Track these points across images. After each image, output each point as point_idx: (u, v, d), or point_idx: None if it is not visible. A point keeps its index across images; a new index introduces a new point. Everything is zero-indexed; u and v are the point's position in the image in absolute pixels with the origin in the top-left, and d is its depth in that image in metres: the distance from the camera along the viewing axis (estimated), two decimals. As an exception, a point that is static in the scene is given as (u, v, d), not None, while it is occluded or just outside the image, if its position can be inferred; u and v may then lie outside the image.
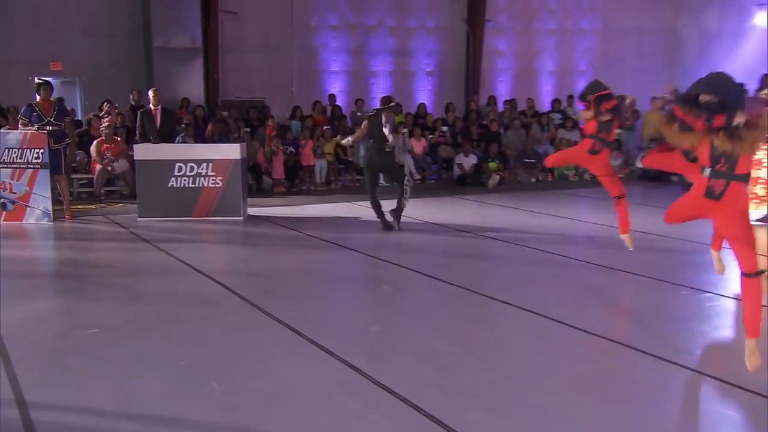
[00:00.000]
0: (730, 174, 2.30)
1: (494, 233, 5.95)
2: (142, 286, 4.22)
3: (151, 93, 7.12)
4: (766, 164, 3.10)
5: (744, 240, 2.43)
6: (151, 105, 7.13)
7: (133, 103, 9.07)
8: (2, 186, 6.29)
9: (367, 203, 6.18)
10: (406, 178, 6.15)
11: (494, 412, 2.00)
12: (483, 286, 4.04)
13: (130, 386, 2.22)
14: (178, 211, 6.40)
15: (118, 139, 8.06)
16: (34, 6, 9.41)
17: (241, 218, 6.58)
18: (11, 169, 6.25)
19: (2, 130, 6.83)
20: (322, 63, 11.44)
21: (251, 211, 6.98)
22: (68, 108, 8.03)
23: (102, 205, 7.61)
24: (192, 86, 9.85)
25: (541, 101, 12.23)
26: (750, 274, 2.30)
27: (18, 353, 2.56)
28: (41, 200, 6.30)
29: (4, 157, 6.24)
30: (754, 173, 2.88)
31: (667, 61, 12.90)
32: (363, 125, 6.15)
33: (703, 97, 2.23)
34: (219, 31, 10.25)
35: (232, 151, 6.52)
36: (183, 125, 8.22)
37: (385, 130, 5.69)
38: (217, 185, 6.44)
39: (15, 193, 6.30)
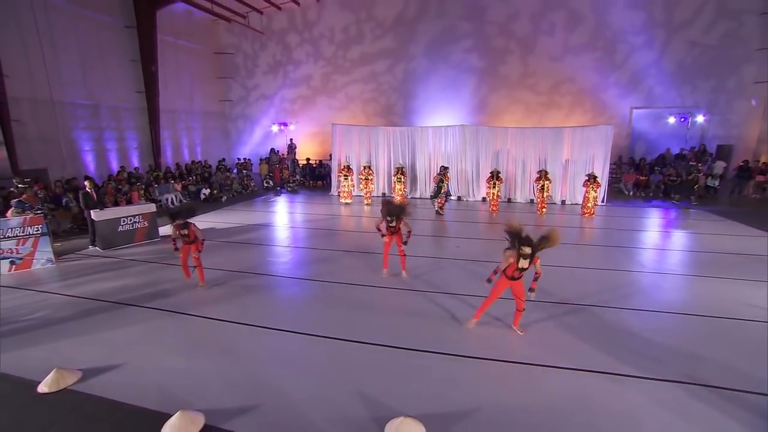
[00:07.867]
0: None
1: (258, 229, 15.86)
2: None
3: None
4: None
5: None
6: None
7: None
8: (9, 251, 9.94)
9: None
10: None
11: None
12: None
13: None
14: (126, 241, 12.16)
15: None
16: None
17: (159, 238, 12.94)
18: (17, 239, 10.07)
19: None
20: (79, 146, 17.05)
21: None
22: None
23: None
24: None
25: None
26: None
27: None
28: (44, 254, 10.41)
29: (8, 234, 9.97)
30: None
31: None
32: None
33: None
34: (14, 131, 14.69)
35: (150, 207, 12.83)
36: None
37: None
38: (144, 225, 12.64)
39: (21, 253, 10.12)
